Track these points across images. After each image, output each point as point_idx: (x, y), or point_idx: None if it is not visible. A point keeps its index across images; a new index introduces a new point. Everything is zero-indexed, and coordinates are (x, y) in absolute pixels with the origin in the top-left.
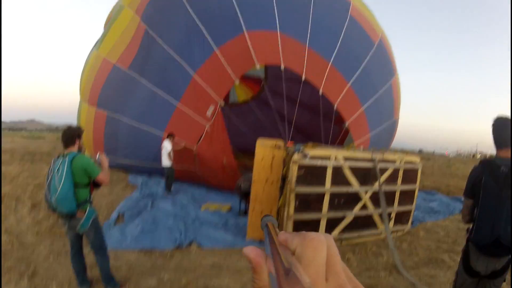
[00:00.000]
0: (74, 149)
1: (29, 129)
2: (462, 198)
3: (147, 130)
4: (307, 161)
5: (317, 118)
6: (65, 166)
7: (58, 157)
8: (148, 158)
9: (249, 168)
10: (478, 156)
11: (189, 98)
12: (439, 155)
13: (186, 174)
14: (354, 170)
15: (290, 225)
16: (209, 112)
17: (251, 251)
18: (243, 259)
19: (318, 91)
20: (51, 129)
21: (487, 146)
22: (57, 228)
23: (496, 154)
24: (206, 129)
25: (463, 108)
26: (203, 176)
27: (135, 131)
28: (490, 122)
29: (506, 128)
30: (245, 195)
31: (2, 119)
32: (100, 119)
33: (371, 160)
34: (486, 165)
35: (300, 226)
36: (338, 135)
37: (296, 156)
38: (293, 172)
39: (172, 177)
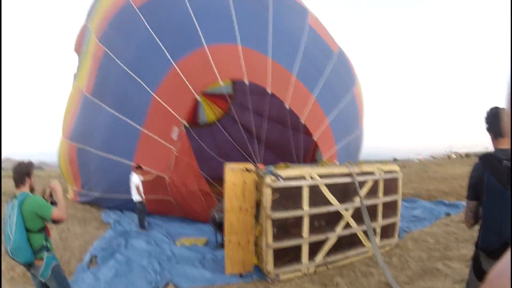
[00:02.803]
0: (25, 188)
1: (4, 168)
2: (446, 201)
3: (115, 159)
4: (280, 184)
5: (288, 132)
6: (15, 212)
7: (11, 199)
8: (120, 189)
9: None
10: (454, 156)
11: (152, 120)
12: (414, 161)
13: (161, 204)
14: (332, 187)
15: (270, 255)
16: (174, 135)
17: None
18: None
19: (285, 104)
20: None
21: (460, 146)
22: None
23: (495, 146)
24: (173, 153)
25: (433, 111)
26: (179, 206)
27: (103, 161)
28: (482, 115)
29: (502, 116)
30: (220, 226)
31: None
32: (72, 152)
33: (349, 174)
34: (486, 161)
35: (280, 255)
36: (310, 149)
37: (268, 179)
38: (267, 196)
39: (143, 212)
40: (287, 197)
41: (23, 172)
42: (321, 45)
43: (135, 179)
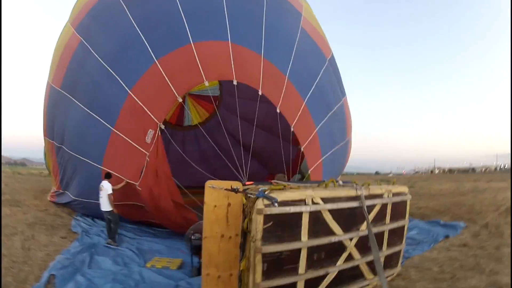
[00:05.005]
0: None
1: None
2: (441, 221)
3: (85, 160)
4: (275, 209)
5: (273, 139)
6: None
7: None
8: (91, 195)
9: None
10: (437, 171)
11: (125, 120)
12: (397, 175)
13: (134, 209)
14: (336, 213)
15: None
16: (148, 138)
17: None
18: None
19: (274, 108)
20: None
21: (444, 161)
22: None
23: None
24: (146, 159)
25: (417, 124)
26: (153, 214)
27: (74, 162)
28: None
29: None
30: (197, 249)
31: None
32: (52, 149)
33: (356, 198)
34: None
35: None
36: (296, 159)
37: (260, 203)
38: (258, 225)
39: (116, 224)
40: (283, 225)
41: None
42: (314, 49)
43: (108, 188)
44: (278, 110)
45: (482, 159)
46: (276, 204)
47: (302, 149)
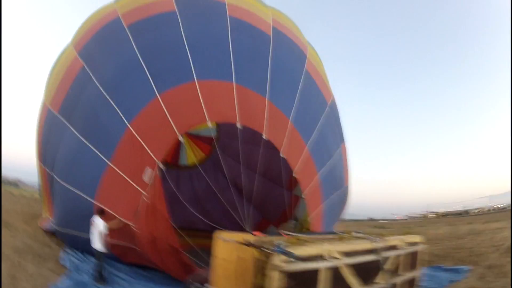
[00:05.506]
0: None
1: None
2: (443, 266)
3: (74, 191)
4: (293, 265)
5: (267, 183)
6: None
7: None
8: (78, 227)
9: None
10: (430, 216)
11: (123, 155)
12: (390, 220)
13: (128, 251)
14: (353, 267)
15: None
16: (146, 177)
17: None
18: None
19: (271, 152)
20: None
21: (437, 205)
22: None
23: None
24: (142, 198)
25: (410, 170)
26: (148, 257)
27: (63, 191)
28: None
29: None
30: None
31: None
32: (45, 176)
33: (373, 250)
34: None
35: None
36: (292, 204)
37: (277, 260)
38: (274, 282)
39: (99, 265)
40: (300, 282)
41: None
42: (316, 94)
43: (100, 225)
44: (282, 155)
45: (475, 201)
46: (294, 260)
47: (303, 196)
